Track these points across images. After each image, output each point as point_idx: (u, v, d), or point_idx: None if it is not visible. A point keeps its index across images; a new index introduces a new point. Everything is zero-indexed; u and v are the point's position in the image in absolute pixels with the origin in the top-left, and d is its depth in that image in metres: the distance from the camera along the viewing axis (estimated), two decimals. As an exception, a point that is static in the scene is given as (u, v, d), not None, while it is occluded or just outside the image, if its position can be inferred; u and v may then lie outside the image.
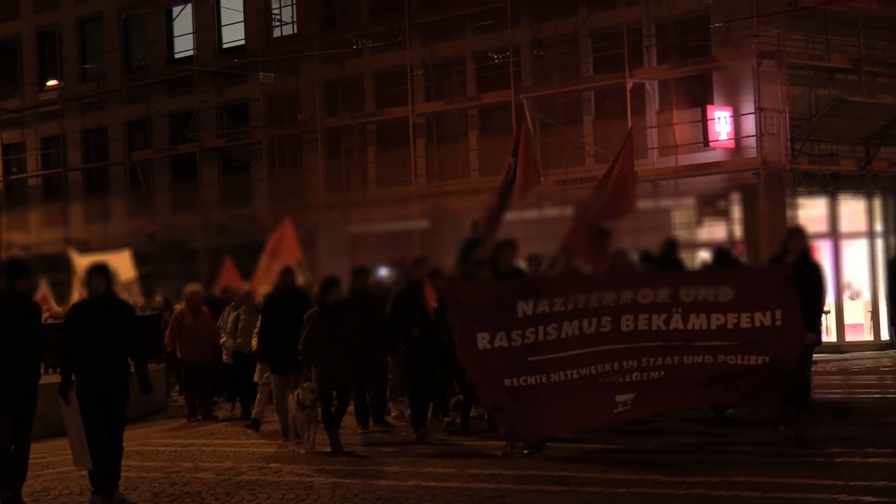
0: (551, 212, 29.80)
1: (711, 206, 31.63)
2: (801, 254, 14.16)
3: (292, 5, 40.71)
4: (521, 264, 16.57)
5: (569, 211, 31.76)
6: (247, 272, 25.94)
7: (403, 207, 36.40)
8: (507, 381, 12.72)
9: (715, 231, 31.29)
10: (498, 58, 35.26)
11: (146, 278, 31.01)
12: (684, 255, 18.60)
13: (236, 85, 41.18)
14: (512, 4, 34.75)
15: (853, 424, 14.69)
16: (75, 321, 12.03)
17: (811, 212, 30.75)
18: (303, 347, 14.92)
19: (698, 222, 31.58)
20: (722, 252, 16.36)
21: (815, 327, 14.12)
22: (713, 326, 12.92)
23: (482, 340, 12.66)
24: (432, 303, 16.06)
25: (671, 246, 16.59)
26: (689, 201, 31.49)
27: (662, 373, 13.00)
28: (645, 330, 12.90)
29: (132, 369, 12.26)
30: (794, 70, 31.25)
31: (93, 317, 11.89)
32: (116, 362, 11.89)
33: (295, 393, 15.01)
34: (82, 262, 26.45)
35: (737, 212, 31.62)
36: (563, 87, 34.02)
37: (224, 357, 19.76)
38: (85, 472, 12.17)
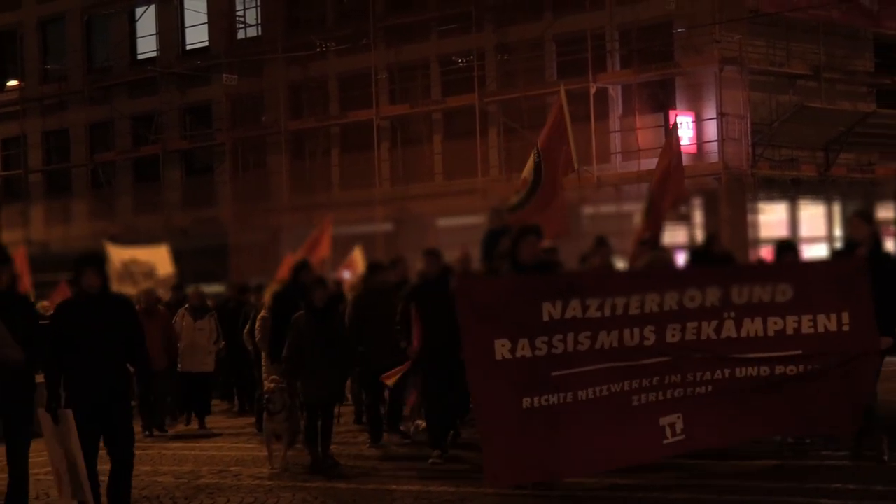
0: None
1: (672, 210, 31.77)
2: (870, 242, 11.98)
3: (256, 7, 40.66)
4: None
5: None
6: (211, 275, 25.94)
7: (367, 210, 36.42)
8: (525, 401, 10.45)
9: (677, 235, 31.44)
10: (462, 62, 35.37)
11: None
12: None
13: (199, 87, 41.07)
14: (477, 9, 34.85)
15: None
16: (64, 324, 10.23)
17: (772, 217, 30.98)
18: (287, 355, 13.62)
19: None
20: (784, 245, 13.65)
21: (892, 330, 11.74)
22: (770, 332, 10.93)
23: (501, 349, 10.41)
24: None
25: (711, 240, 15.03)
26: (652, 206, 31.57)
27: (710, 388, 10.95)
28: (693, 340, 10.85)
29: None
30: (756, 76, 31.50)
31: (86, 318, 10.10)
32: (116, 371, 10.22)
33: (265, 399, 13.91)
34: (121, 254, 25.75)
35: (698, 216, 31.81)
36: (528, 92, 34.11)
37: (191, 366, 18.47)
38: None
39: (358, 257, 23.81)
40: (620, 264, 16.66)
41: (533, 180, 17.54)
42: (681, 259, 19.77)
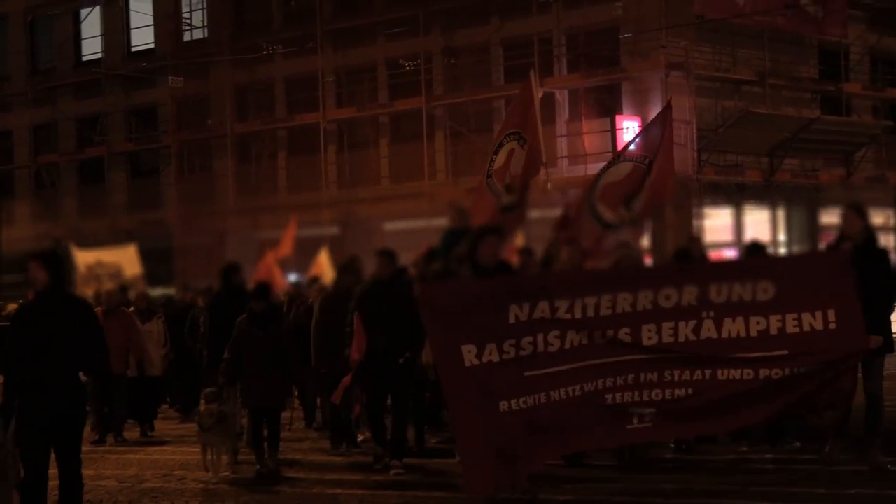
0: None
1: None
2: (863, 237, 11.50)
3: (203, 9, 40.46)
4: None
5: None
6: (156, 278, 25.74)
7: (314, 214, 36.28)
8: (503, 405, 10.03)
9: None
10: (409, 65, 35.35)
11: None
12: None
13: (145, 89, 40.80)
14: (424, 12, 34.82)
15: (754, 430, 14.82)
16: (19, 324, 9.53)
17: (717, 221, 31.18)
18: (228, 358, 13.40)
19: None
20: (754, 246, 13.25)
21: (884, 328, 11.34)
22: (753, 333, 10.25)
23: (468, 355, 9.97)
24: None
25: (691, 242, 14.45)
26: (598, 210, 31.70)
27: (690, 390, 10.30)
28: (671, 342, 10.24)
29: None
30: (702, 82, 31.69)
31: (38, 319, 9.38)
32: (68, 378, 9.43)
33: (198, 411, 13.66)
34: (85, 257, 25.36)
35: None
36: (474, 96, 34.16)
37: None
38: None
39: (324, 259, 23.69)
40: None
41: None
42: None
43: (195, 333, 18.43)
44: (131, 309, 18.34)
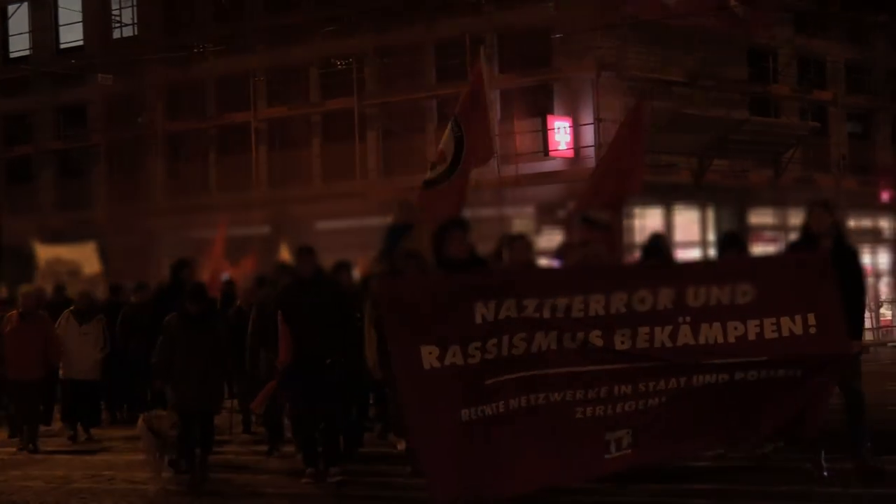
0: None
1: (550, 215, 32.03)
2: (831, 234, 11.02)
3: (133, 7, 40.11)
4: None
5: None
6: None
7: (245, 213, 36.07)
8: (464, 413, 9.26)
9: (554, 240, 31.67)
10: (342, 64, 35.27)
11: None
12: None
13: (74, 86, 40.35)
14: (356, 11, 34.75)
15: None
16: None
17: (647, 221, 31.36)
18: (158, 360, 13.03)
19: (538, 231, 31.93)
20: (730, 237, 12.73)
21: (859, 331, 11.02)
22: (731, 339, 9.68)
23: (429, 357, 9.14)
24: None
25: (656, 239, 13.66)
26: (529, 210, 31.87)
27: (664, 398, 9.73)
28: (646, 348, 9.57)
29: None
30: (633, 82, 31.86)
31: None
32: None
33: (146, 417, 13.06)
34: (45, 252, 25.29)
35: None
36: (407, 95, 34.16)
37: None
38: None
39: (284, 253, 23.66)
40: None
41: (453, 157, 16.60)
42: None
43: (126, 333, 17.99)
44: (71, 308, 17.51)
